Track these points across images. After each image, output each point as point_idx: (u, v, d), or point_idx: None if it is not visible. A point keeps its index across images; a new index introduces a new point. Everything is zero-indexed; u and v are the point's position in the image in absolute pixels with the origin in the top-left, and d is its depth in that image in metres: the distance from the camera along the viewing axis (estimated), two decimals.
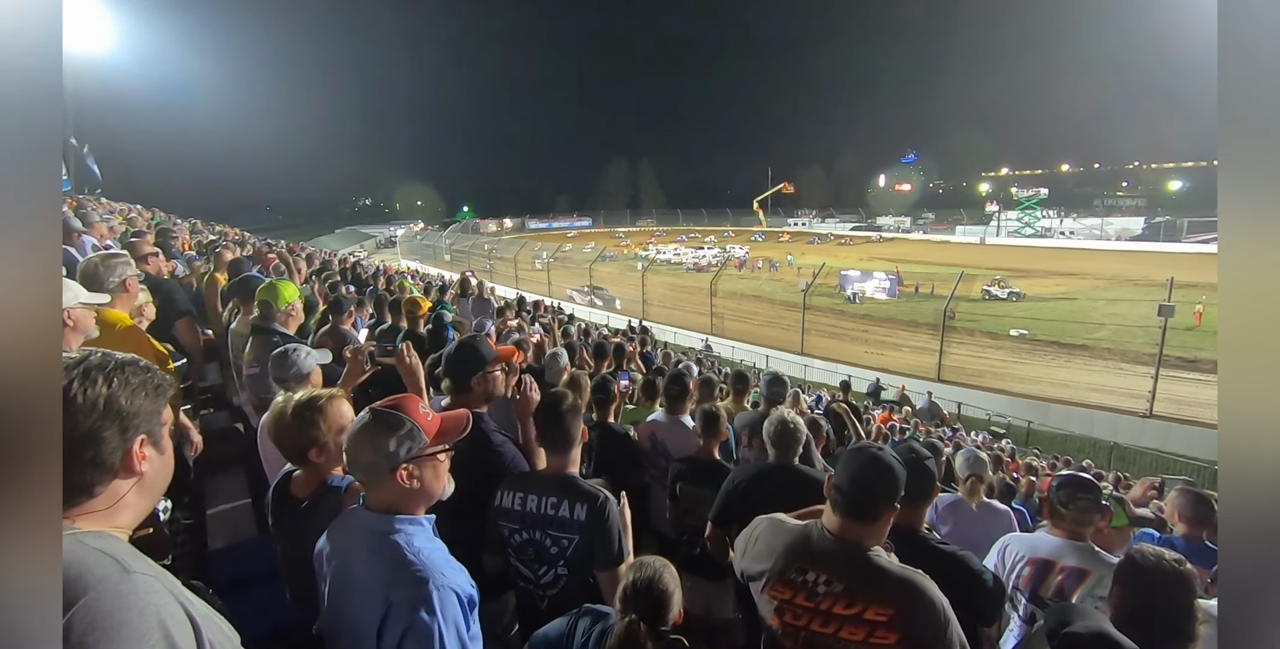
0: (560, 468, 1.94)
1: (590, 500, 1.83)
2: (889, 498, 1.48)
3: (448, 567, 1.28)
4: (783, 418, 2.50)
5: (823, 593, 1.44)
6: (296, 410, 1.66)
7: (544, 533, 1.85)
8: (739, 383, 3.93)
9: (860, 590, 1.41)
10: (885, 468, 1.48)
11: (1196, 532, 2.93)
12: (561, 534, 1.83)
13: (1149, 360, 14.98)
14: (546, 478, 1.95)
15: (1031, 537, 2.34)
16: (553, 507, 1.85)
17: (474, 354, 2.23)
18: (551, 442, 1.96)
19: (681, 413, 3.27)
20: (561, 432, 1.93)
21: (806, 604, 1.46)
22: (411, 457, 1.33)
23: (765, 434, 2.52)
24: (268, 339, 2.98)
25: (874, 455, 1.50)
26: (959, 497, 3.01)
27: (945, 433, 11.68)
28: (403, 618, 1.18)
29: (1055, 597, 2.12)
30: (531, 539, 1.87)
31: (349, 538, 1.35)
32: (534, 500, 1.88)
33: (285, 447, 1.69)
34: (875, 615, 1.38)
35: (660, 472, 3.22)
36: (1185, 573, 1.57)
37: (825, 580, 1.45)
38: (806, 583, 1.47)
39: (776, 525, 1.62)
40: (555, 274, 31.21)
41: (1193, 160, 63.97)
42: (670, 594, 1.42)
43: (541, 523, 1.86)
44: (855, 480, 1.48)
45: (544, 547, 1.85)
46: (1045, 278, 30.86)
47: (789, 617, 1.49)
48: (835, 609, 1.43)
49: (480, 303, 6.67)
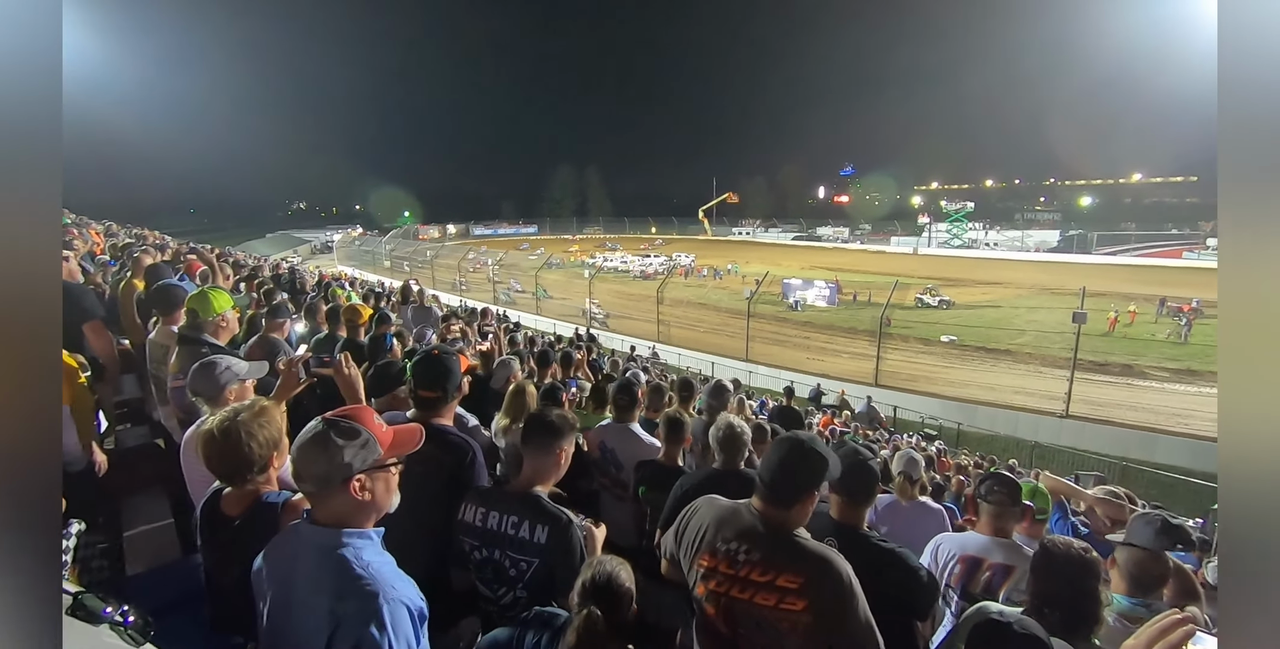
0: (528, 484, 1.88)
1: (553, 522, 1.77)
2: (809, 484, 1.57)
3: (398, 580, 1.26)
4: (729, 423, 2.55)
5: (742, 561, 1.55)
6: (225, 426, 1.56)
7: (503, 553, 1.79)
8: (684, 390, 3.97)
9: (775, 560, 1.52)
10: (806, 455, 1.57)
11: None
12: (520, 556, 1.77)
13: (1065, 364, 15.99)
14: (511, 495, 1.88)
15: (962, 536, 2.47)
16: (513, 526, 1.78)
17: (447, 368, 2.18)
18: (534, 456, 1.90)
19: (630, 420, 3.27)
20: (544, 446, 1.88)
21: (728, 571, 1.57)
22: (366, 468, 1.31)
23: (713, 440, 2.56)
24: (195, 350, 2.82)
25: (796, 443, 1.60)
26: (895, 497, 3.15)
27: (882, 436, 12.12)
28: (351, 633, 1.15)
29: (984, 592, 2.24)
30: (490, 558, 1.80)
31: (292, 554, 1.30)
32: (495, 518, 1.82)
33: (215, 465, 1.59)
34: (786, 583, 1.49)
35: (610, 480, 3.22)
36: (1091, 560, 1.71)
37: (745, 549, 1.56)
38: (730, 552, 1.58)
39: (711, 501, 1.73)
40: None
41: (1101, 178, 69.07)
42: (627, 589, 1.47)
43: (501, 542, 1.79)
44: (778, 467, 1.58)
45: (503, 567, 1.79)
46: (972, 286, 32.54)
47: (713, 584, 1.60)
48: (752, 576, 1.53)
49: (422, 311, 6.51)
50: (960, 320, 23.44)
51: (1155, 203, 64.19)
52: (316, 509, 1.32)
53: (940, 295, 27.34)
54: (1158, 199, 64.91)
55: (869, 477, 1.96)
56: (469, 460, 2.04)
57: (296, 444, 1.31)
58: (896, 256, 52.48)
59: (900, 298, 20.82)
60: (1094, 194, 66.90)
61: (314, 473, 1.28)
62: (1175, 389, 16.56)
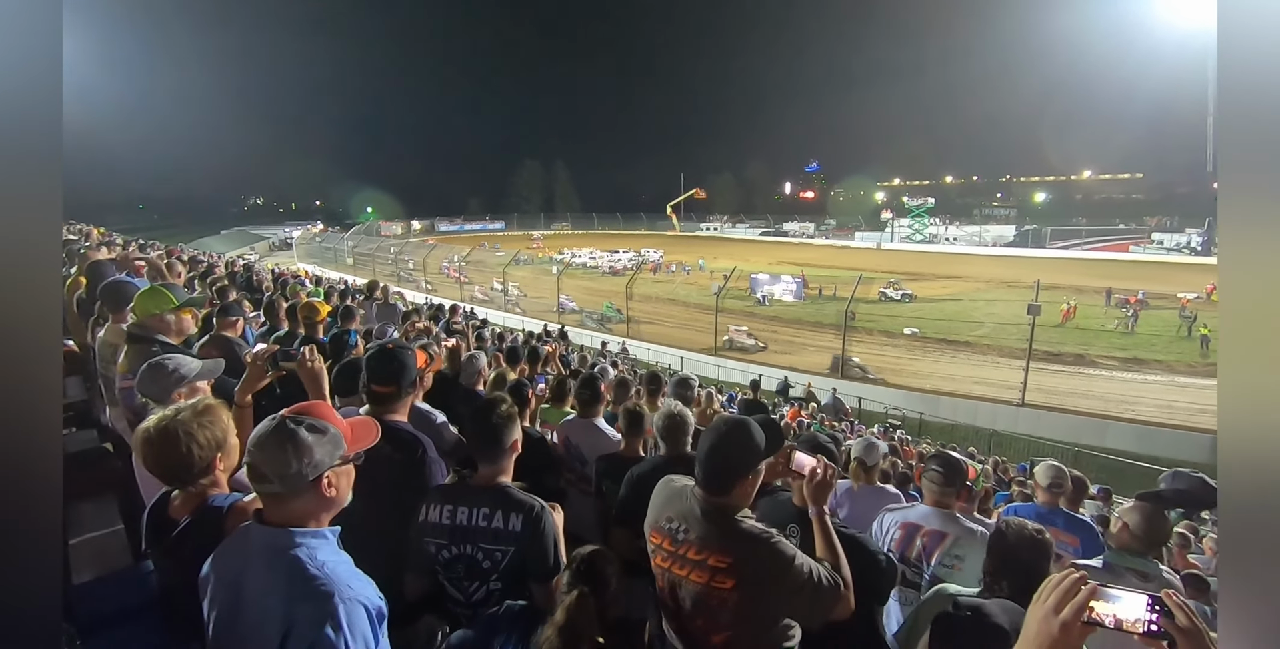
0: (492, 477, 1.88)
1: (525, 510, 1.78)
2: (740, 471, 1.60)
3: (354, 579, 1.24)
4: (669, 411, 2.59)
5: (681, 539, 1.61)
6: (163, 426, 1.49)
7: (475, 546, 1.78)
8: (652, 384, 4.00)
9: (709, 540, 1.57)
10: (734, 442, 1.60)
11: (1053, 500, 3.33)
12: (495, 546, 1.77)
13: (1022, 355, 16.56)
14: (477, 489, 1.87)
15: (904, 507, 2.63)
16: (485, 518, 1.78)
17: (401, 363, 2.14)
18: (482, 450, 1.89)
19: (594, 416, 3.28)
20: (493, 439, 1.87)
21: (670, 548, 1.63)
22: (335, 464, 1.29)
23: (656, 429, 2.60)
24: (145, 348, 2.71)
25: (724, 431, 1.61)
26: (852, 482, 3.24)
27: (846, 427, 12.37)
28: (306, 635, 1.12)
29: (920, 558, 2.35)
30: (462, 554, 1.79)
31: (242, 557, 1.26)
32: (464, 513, 1.80)
33: (154, 467, 1.52)
34: (717, 562, 1.54)
35: (576, 475, 3.22)
36: (1043, 541, 1.83)
37: (685, 529, 1.61)
38: (672, 531, 1.64)
39: (667, 482, 1.79)
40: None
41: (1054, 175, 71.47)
42: (612, 575, 1.54)
43: (473, 536, 1.78)
44: (706, 455, 1.61)
45: (475, 561, 1.78)
46: (934, 280, 33.37)
47: (659, 558, 1.67)
48: (689, 554, 1.59)
49: (385, 308, 6.38)
50: (922, 313, 24.01)
51: (1104, 199, 66.68)
52: (273, 510, 1.28)
53: (903, 289, 27.96)
54: (1106, 195, 67.45)
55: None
56: (419, 456, 2.03)
57: (257, 443, 1.26)
58: (861, 252, 53.45)
59: (864, 292, 21.24)
60: (1047, 190, 69.10)
61: (282, 472, 1.24)
62: (1123, 377, 17.30)
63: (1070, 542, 3.01)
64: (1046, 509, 3.23)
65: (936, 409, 15.81)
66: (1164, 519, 2.32)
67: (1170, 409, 14.71)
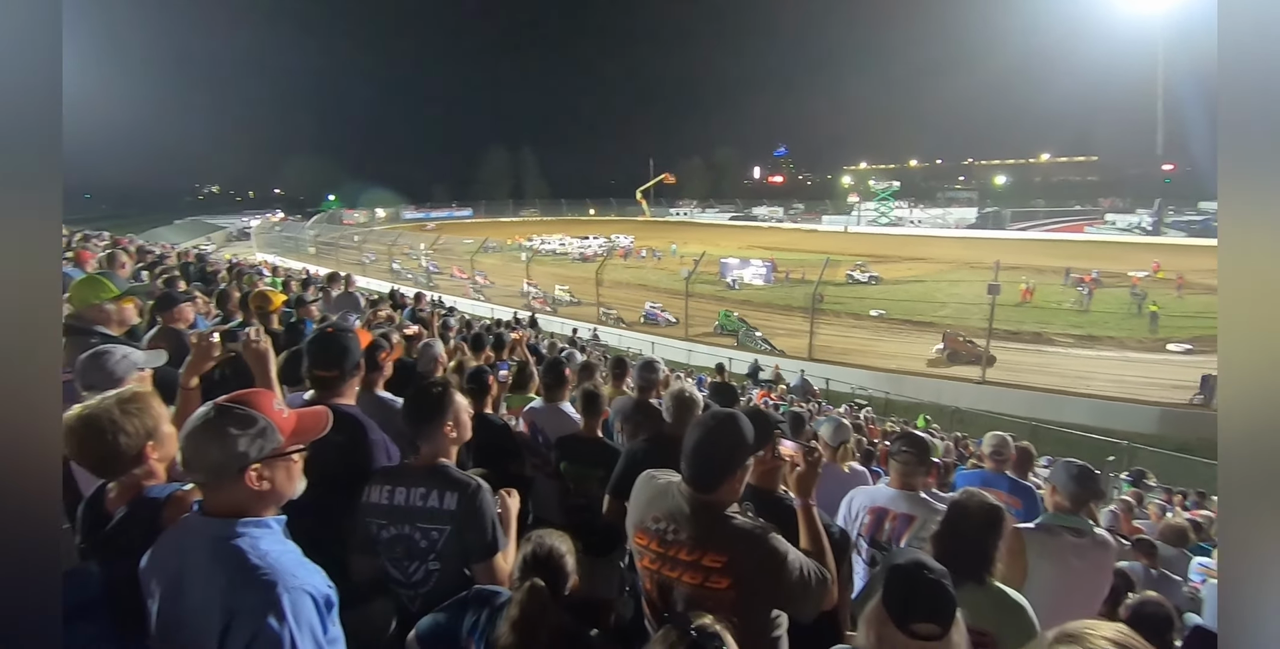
0: (432, 457, 1.87)
1: (461, 488, 1.78)
2: (728, 469, 1.55)
3: (300, 568, 1.21)
4: (681, 388, 2.65)
5: (670, 540, 1.56)
6: (87, 415, 1.43)
7: (413, 526, 1.77)
8: (617, 368, 4.00)
9: (702, 540, 1.52)
10: (720, 440, 1.55)
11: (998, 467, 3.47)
12: (431, 526, 1.76)
13: (983, 333, 17.02)
14: (416, 469, 1.87)
15: (872, 489, 2.65)
16: (421, 497, 1.78)
17: (344, 346, 2.09)
18: (419, 430, 1.88)
19: (560, 400, 3.27)
20: (427, 419, 1.86)
21: (659, 550, 1.58)
22: (264, 456, 1.24)
23: (665, 409, 2.62)
24: (84, 340, 2.60)
25: (710, 427, 1.57)
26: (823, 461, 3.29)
27: (814, 407, 12.60)
28: (247, 626, 1.10)
29: (890, 540, 2.40)
30: (401, 534, 1.78)
31: (181, 549, 1.22)
32: (402, 493, 1.80)
33: (80, 457, 1.47)
34: (711, 562, 1.50)
35: (543, 460, 3.21)
36: (992, 510, 1.90)
37: (674, 529, 1.56)
38: (660, 532, 1.58)
39: (648, 479, 1.73)
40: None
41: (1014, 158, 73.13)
42: (567, 562, 1.51)
43: (410, 516, 1.78)
44: (693, 453, 1.56)
45: (413, 541, 1.77)
46: (899, 262, 33.96)
47: (646, 560, 1.62)
48: (679, 555, 1.54)
49: (345, 297, 6.25)
50: (888, 295, 24.46)
51: (1061, 181, 68.41)
52: (209, 500, 1.25)
53: (869, 272, 28.42)
54: (1063, 178, 69.18)
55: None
56: (363, 439, 2.00)
57: (185, 433, 1.23)
58: (829, 235, 54.09)
59: (832, 275, 21.53)
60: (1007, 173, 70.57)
61: (206, 463, 1.21)
62: (1078, 354, 17.92)
63: (1014, 504, 3.14)
64: (992, 475, 3.36)
65: (902, 388, 16.19)
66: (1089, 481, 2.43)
67: (1122, 383, 15.30)
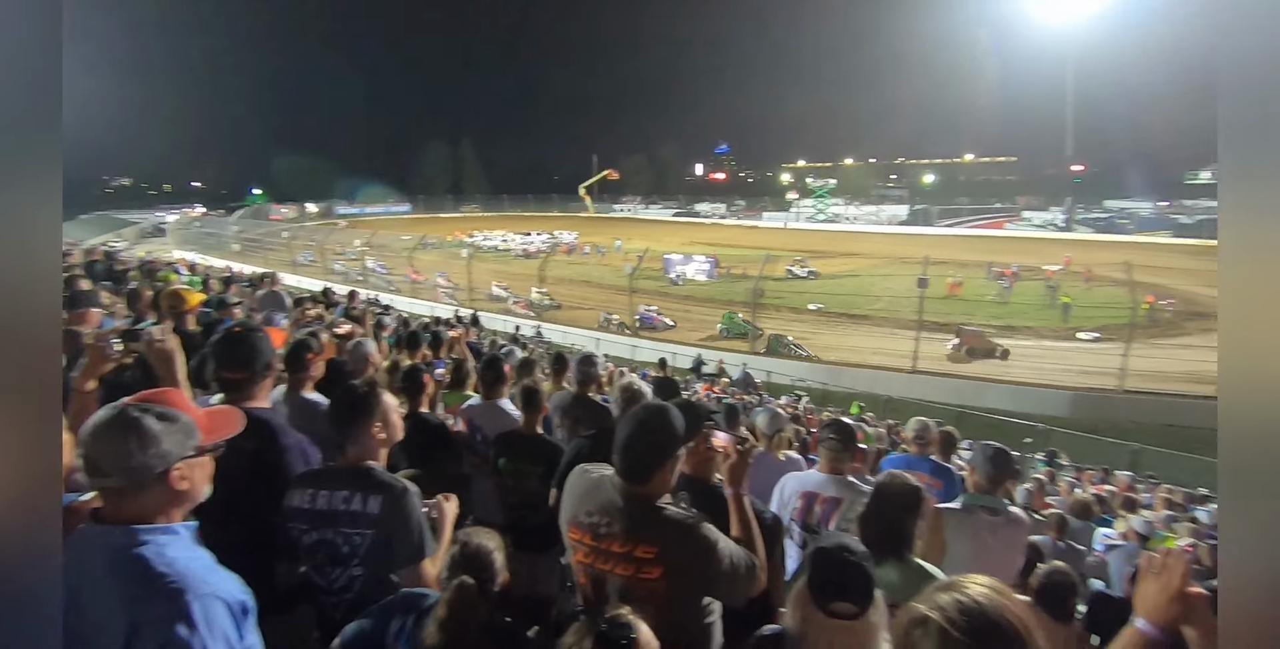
0: (358, 459, 1.81)
1: (386, 491, 1.72)
2: (659, 461, 1.58)
3: (211, 574, 1.16)
4: (630, 382, 2.69)
5: (604, 533, 1.57)
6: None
7: (335, 531, 1.71)
8: (557, 363, 3.99)
9: (634, 532, 1.54)
10: (650, 432, 1.58)
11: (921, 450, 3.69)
12: (354, 530, 1.70)
13: (914, 325, 17.84)
14: (340, 471, 1.81)
15: (803, 475, 2.77)
16: (344, 501, 1.72)
17: (252, 346, 2.00)
18: (344, 431, 1.82)
19: (499, 397, 3.24)
20: (352, 420, 1.81)
21: (592, 543, 1.59)
22: (187, 455, 1.20)
23: (613, 401, 2.66)
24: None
25: (640, 420, 1.60)
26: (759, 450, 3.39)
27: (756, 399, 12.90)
28: (155, 636, 1.04)
29: (820, 523, 2.50)
30: (323, 539, 1.72)
31: (78, 561, 1.14)
32: (324, 496, 1.73)
33: None
34: (643, 553, 1.51)
35: (481, 458, 3.18)
36: (911, 490, 2.01)
37: (607, 522, 1.57)
38: (593, 525, 1.59)
39: (582, 473, 1.73)
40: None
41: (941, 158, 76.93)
42: (496, 559, 1.49)
43: (332, 520, 1.71)
44: (624, 446, 1.58)
45: (335, 546, 1.71)
46: (836, 258, 35.06)
47: (580, 554, 1.62)
48: (613, 548, 1.55)
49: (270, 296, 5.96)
50: (825, 289, 25.22)
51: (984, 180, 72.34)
52: (114, 507, 1.18)
53: (808, 267, 29.25)
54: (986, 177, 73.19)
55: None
56: (274, 443, 1.92)
57: (93, 434, 1.15)
58: (769, 231, 55.23)
59: (772, 270, 22.04)
60: (935, 172, 74.15)
61: (124, 464, 1.14)
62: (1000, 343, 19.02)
63: (935, 485, 3.31)
64: (916, 458, 3.55)
65: (839, 379, 16.80)
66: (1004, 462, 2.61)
67: (1039, 370, 16.35)
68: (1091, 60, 54.40)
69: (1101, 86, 58.73)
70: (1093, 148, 58.67)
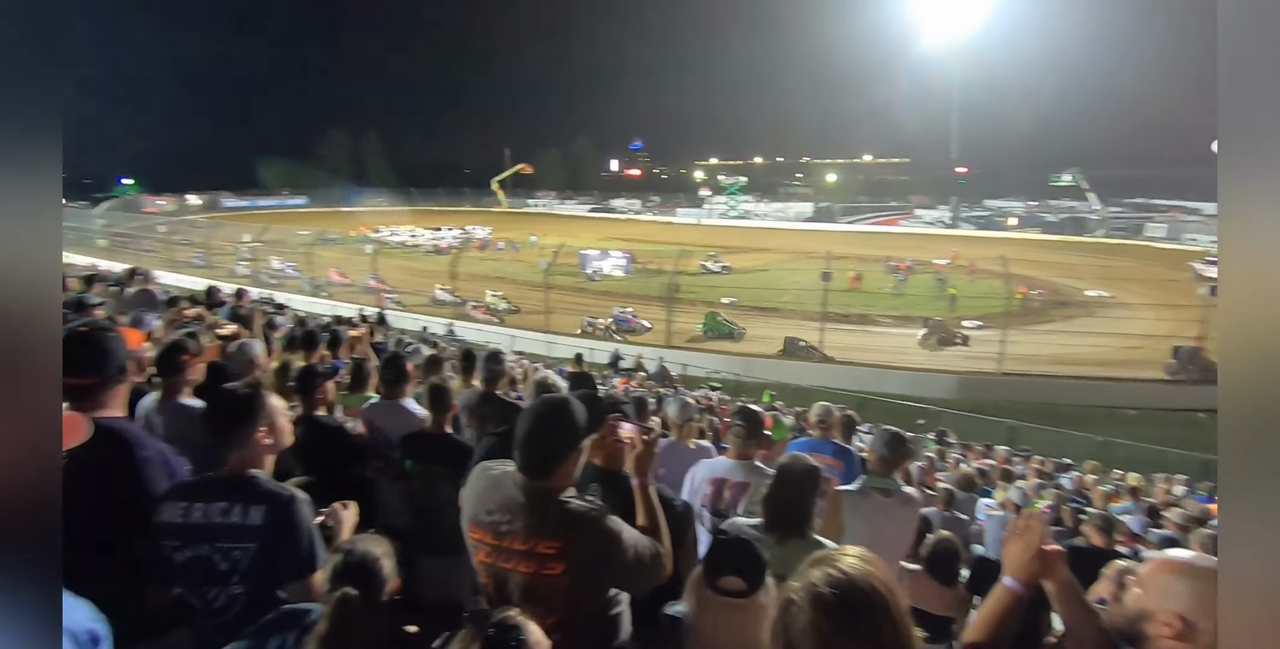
0: (240, 467, 1.66)
1: (270, 500, 1.59)
2: (559, 454, 1.55)
3: None
4: (544, 377, 2.66)
5: (505, 531, 1.52)
6: None
7: (211, 546, 1.56)
8: (466, 361, 3.88)
9: (534, 528, 1.50)
10: (548, 425, 1.55)
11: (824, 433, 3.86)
12: (233, 544, 1.55)
13: (819, 316, 18.77)
14: (219, 481, 1.64)
15: (712, 461, 2.83)
16: (222, 513, 1.56)
17: (102, 347, 1.78)
18: (225, 438, 1.67)
19: (401, 396, 3.10)
20: (236, 425, 1.66)
21: (493, 542, 1.54)
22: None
23: (528, 397, 2.63)
24: None
25: (538, 414, 1.57)
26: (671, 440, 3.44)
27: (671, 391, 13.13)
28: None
29: (729, 508, 2.57)
30: (197, 555, 1.56)
31: None
32: (199, 509, 1.57)
33: None
34: (545, 549, 1.48)
35: (384, 462, 3.03)
36: (811, 470, 2.08)
37: (509, 520, 1.52)
38: (494, 523, 1.54)
39: (483, 471, 1.67)
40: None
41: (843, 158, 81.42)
42: (383, 565, 1.41)
43: (209, 534, 1.56)
44: (524, 441, 1.54)
45: (212, 562, 1.56)
46: (747, 253, 36.18)
47: (482, 554, 1.57)
48: (514, 546, 1.51)
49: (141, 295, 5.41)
50: (738, 283, 26.03)
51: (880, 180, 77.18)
52: None
53: (721, 262, 30.04)
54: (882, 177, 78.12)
55: None
56: (129, 456, 1.72)
57: None
58: (683, 227, 56.23)
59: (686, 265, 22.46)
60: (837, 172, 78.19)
61: None
62: (896, 332, 20.40)
63: (836, 466, 3.45)
64: (819, 441, 3.73)
65: (751, 370, 17.41)
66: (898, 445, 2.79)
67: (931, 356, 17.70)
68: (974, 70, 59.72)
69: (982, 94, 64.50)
70: (975, 151, 64.18)
